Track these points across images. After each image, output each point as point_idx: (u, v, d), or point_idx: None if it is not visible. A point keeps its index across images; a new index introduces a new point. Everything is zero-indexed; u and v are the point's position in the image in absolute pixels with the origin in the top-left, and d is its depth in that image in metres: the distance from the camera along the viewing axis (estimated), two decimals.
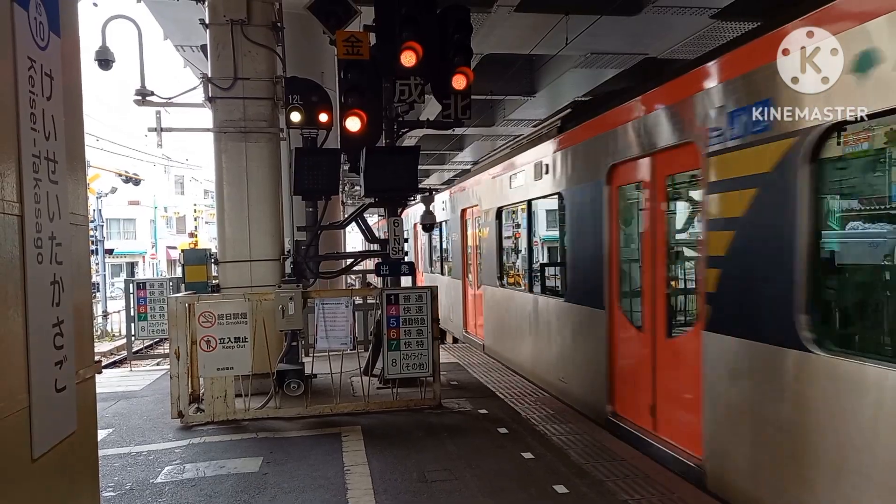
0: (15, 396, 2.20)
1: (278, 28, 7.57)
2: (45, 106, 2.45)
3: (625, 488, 4.51)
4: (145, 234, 46.75)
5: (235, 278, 7.30)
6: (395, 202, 7.61)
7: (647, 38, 12.34)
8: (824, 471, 3.49)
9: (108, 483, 4.81)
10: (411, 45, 6.40)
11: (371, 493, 4.54)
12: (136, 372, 9.87)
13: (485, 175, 10.57)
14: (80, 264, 2.83)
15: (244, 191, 7.33)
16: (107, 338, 21.76)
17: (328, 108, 7.48)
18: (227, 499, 4.52)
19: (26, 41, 2.33)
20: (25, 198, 2.27)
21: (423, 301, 6.68)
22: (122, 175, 30.34)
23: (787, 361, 3.72)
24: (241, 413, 6.42)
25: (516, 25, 11.75)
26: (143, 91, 7.57)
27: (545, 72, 15.52)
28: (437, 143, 24.50)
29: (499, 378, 8.26)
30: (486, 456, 5.26)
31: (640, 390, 5.64)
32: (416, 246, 18.01)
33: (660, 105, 5.23)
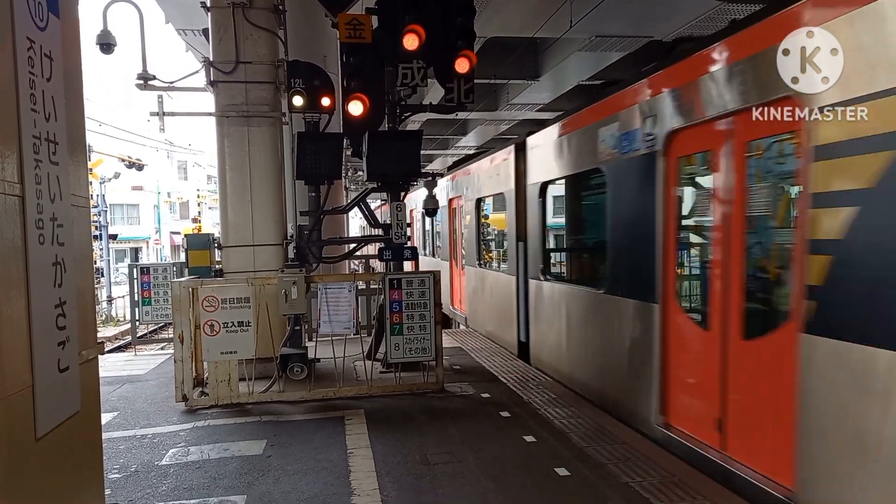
0: (18, 376, 2.22)
1: (280, 11, 7.51)
2: (44, 87, 2.44)
3: (626, 471, 4.53)
4: (149, 219, 46.82)
5: (238, 263, 7.31)
6: (397, 187, 7.60)
7: (652, 20, 12.20)
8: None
9: (113, 465, 4.86)
10: (414, 29, 6.35)
11: (374, 476, 4.57)
12: (140, 356, 9.93)
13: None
14: (82, 246, 2.83)
15: (247, 175, 7.32)
16: (111, 322, 21.88)
17: (330, 92, 7.44)
18: (231, 481, 4.56)
19: (25, 21, 2.32)
20: (26, 179, 2.27)
21: (425, 286, 6.68)
22: (125, 160, 30.36)
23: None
24: (244, 397, 6.46)
25: (520, 8, 11.64)
26: (145, 75, 7.54)
27: (549, 55, 15.39)
28: (440, 127, 24.40)
29: (501, 363, 8.28)
30: (489, 439, 5.29)
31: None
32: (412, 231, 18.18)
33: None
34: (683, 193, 5.19)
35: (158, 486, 4.51)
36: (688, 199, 5.24)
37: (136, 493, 4.40)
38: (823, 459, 3.47)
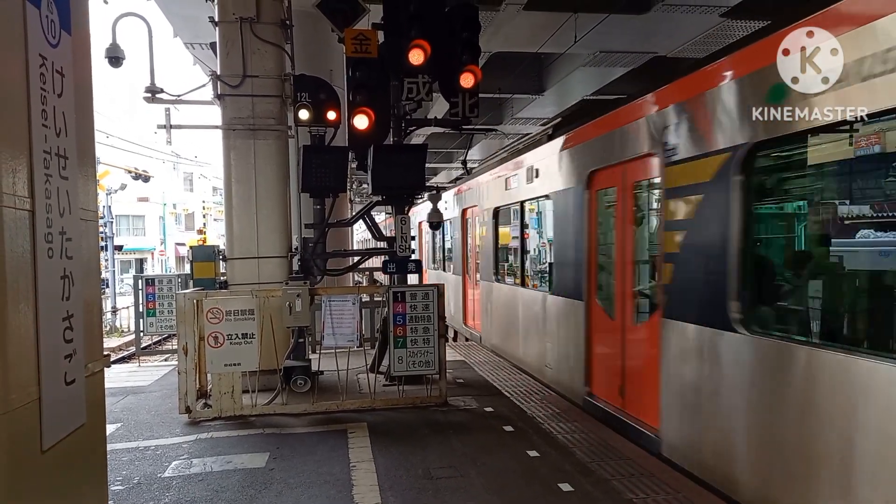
0: (25, 388, 2.23)
1: (287, 26, 7.59)
2: (56, 103, 2.48)
3: (630, 487, 4.51)
4: (154, 230, 47.00)
5: (243, 275, 7.34)
6: (402, 200, 7.63)
7: (656, 36, 12.29)
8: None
9: (116, 477, 4.86)
10: (419, 43, 6.40)
11: (377, 490, 4.56)
12: (144, 367, 9.94)
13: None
14: (90, 259, 2.86)
15: (252, 188, 7.37)
16: (115, 333, 21.93)
17: (336, 105, 7.50)
18: (233, 493, 4.56)
19: (38, 39, 2.36)
20: (36, 193, 2.30)
21: (429, 299, 6.69)
22: (131, 172, 30.55)
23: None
24: (248, 409, 6.46)
25: (525, 23, 11.73)
26: (152, 88, 7.61)
27: (553, 70, 15.49)
28: (445, 140, 24.49)
29: (505, 377, 8.26)
30: (492, 454, 5.27)
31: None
32: (420, 243, 18.15)
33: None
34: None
35: (161, 499, 4.51)
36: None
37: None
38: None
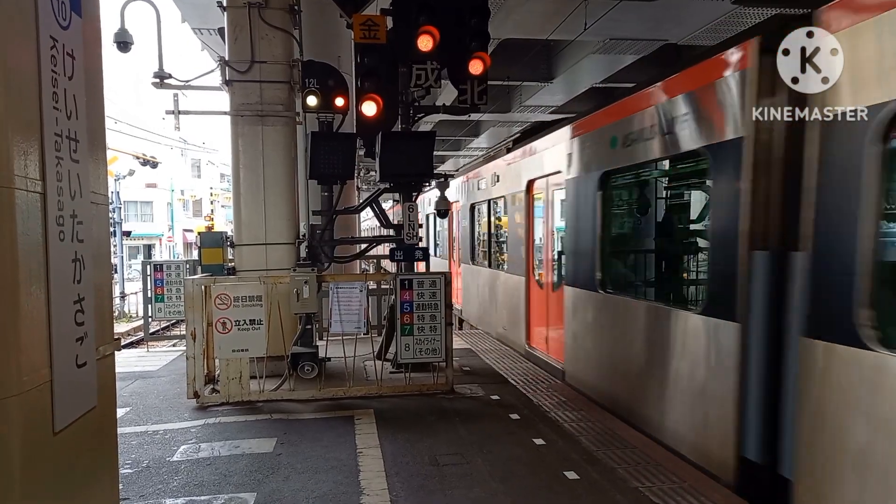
0: (37, 371, 2.24)
1: (295, 11, 7.55)
2: (66, 85, 2.47)
3: (636, 475, 4.52)
4: (162, 216, 47.19)
5: (251, 261, 7.36)
6: (410, 187, 7.61)
7: (666, 23, 12.13)
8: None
9: (125, 460, 4.90)
10: (428, 30, 6.35)
11: (383, 476, 4.59)
12: (152, 353, 10.00)
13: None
14: (101, 243, 2.86)
15: (260, 174, 7.37)
16: (124, 319, 22.08)
17: (344, 92, 7.47)
18: (241, 478, 4.60)
19: (48, 20, 2.35)
20: (48, 176, 2.30)
21: (436, 286, 6.69)
22: (139, 158, 30.62)
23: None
24: (255, 394, 6.50)
25: (534, 10, 11.61)
26: (161, 73, 7.61)
27: (563, 58, 15.34)
28: (453, 128, 24.39)
29: (511, 365, 8.28)
30: (498, 441, 5.29)
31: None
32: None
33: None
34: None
35: (169, 482, 4.55)
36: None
37: (148, 489, 4.45)
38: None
